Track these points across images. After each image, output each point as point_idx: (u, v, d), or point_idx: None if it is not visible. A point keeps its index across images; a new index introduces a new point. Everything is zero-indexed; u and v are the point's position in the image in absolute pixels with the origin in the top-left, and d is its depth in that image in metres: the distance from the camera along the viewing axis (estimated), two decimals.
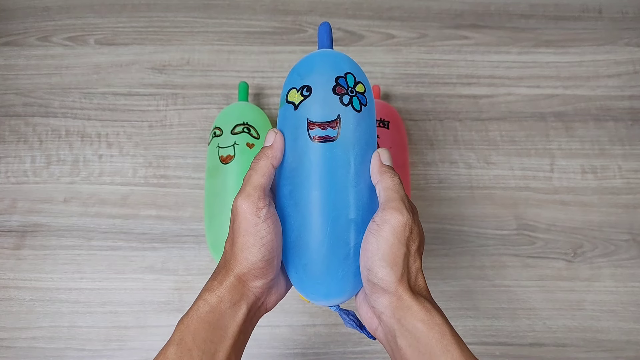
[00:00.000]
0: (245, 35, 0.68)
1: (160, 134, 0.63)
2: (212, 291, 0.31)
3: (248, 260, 0.31)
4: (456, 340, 0.29)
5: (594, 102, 0.65)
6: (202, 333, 0.30)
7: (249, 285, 0.32)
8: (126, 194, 0.60)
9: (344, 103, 0.33)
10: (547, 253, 0.58)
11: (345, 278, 0.33)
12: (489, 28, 0.68)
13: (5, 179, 0.61)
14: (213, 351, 0.30)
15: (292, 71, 0.35)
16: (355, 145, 0.33)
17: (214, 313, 0.30)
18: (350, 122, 0.32)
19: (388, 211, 0.31)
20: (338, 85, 0.33)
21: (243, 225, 0.31)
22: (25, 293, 0.56)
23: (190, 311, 0.31)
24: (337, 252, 0.32)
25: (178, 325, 0.31)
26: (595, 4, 0.70)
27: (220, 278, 0.32)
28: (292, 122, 0.33)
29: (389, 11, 0.69)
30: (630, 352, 0.55)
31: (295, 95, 0.33)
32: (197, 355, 0.29)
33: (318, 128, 0.32)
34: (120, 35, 0.68)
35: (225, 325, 0.31)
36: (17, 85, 0.65)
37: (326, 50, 0.36)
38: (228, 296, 0.31)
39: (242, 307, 0.31)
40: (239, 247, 0.31)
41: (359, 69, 0.35)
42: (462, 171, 0.61)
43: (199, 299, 0.31)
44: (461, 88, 0.65)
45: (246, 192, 0.31)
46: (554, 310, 0.56)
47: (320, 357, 0.54)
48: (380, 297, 0.31)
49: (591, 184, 0.61)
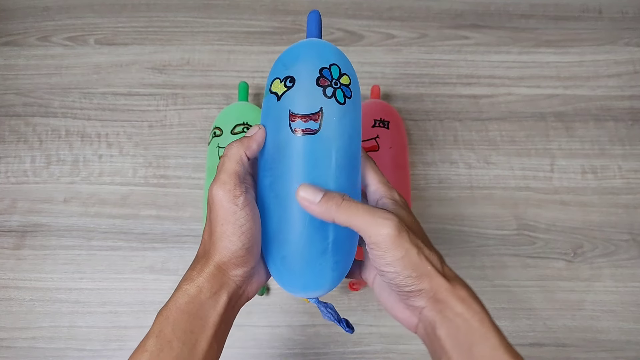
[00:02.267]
0: (245, 35, 0.68)
1: (160, 134, 0.63)
2: (191, 281, 0.31)
3: (228, 249, 0.31)
4: (494, 327, 0.29)
5: (594, 102, 0.65)
6: (182, 324, 0.29)
7: (229, 274, 0.31)
8: (126, 194, 0.60)
9: (327, 95, 0.32)
10: (547, 253, 0.58)
11: (322, 272, 0.33)
12: (489, 28, 0.68)
13: (5, 179, 0.61)
14: (194, 342, 0.29)
15: (278, 61, 0.35)
16: (337, 139, 0.32)
17: (193, 303, 0.30)
18: (333, 114, 0.32)
19: (375, 232, 0.29)
20: (322, 77, 0.32)
21: (221, 214, 0.30)
22: (25, 293, 0.56)
23: (169, 302, 0.30)
24: (315, 246, 0.32)
25: (157, 317, 0.30)
26: (595, 4, 0.70)
27: (199, 267, 0.31)
28: (275, 113, 0.33)
29: (389, 11, 0.69)
30: (630, 352, 0.55)
31: (278, 85, 0.33)
32: (177, 346, 0.29)
33: (300, 120, 0.31)
34: (120, 35, 0.68)
35: (205, 315, 0.30)
36: (17, 85, 0.65)
37: (313, 39, 0.35)
38: (208, 285, 0.30)
39: (222, 296, 0.31)
40: (218, 236, 0.31)
41: (345, 60, 0.34)
42: (462, 171, 0.61)
43: (178, 290, 0.31)
44: (461, 88, 0.65)
45: (221, 180, 0.31)
46: (554, 310, 0.56)
47: (320, 357, 0.54)
48: (418, 296, 0.30)
49: (591, 184, 0.61)
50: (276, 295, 0.56)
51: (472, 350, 0.28)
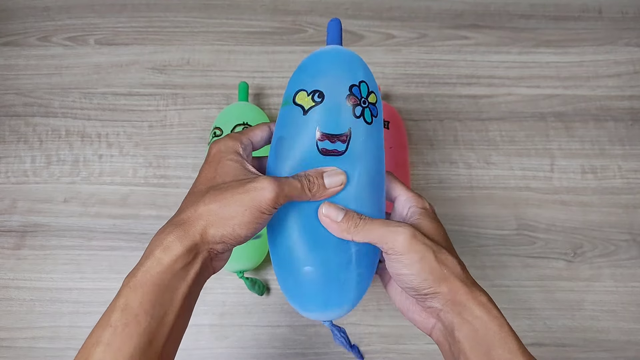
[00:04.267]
0: (245, 35, 0.68)
1: (160, 134, 0.63)
2: (167, 249, 0.28)
3: (234, 231, 0.29)
4: (513, 332, 0.30)
5: (594, 102, 0.65)
6: (151, 296, 0.27)
7: (208, 247, 0.29)
8: (126, 194, 0.60)
9: (356, 115, 0.31)
10: (547, 253, 0.58)
11: (346, 285, 0.32)
12: (489, 28, 0.68)
13: (5, 179, 0.61)
14: (162, 314, 0.27)
15: (302, 69, 0.33)
16: (362, 159, 0.32)
17: (165, 274, 0.28)
18: (360, 135, 0.31)
19: (392, 240, 0.30)
20: (352, 95, 0.31)
21: (256, 202, 0.29)
22: (25, 293, 0.56)
23: (137, 271, 0.28)
24: (339, 258, 0.32)
25: (123, 287, 0.28)
26: (595, 4, 0.70)
27: (179, 234, 0.28)
28: (298, 127, 0.32)
29: (389, 11, 0.69)
30: (630, 352, 0.55)
31: (305, 99, 0.32)
32: (144, 320, 0.26)
33: (327, 140, 0.31)
34: (120, 35, 0.68)
35: (174, 287, 0.28)
36: (17, 85, 0.65)
37: (338, 47, 0.34)
38: (184, 257, 0.28)
39: (194, 266, 0.29)
40: (231, 213, 0.29)
41: (371, 75, 0.34)
42: (462, 171, 0.61)
43: (150, 257, 0.28)
44: (461, 88, 0.65)
45: (279, 184, 0.30)
46: (554, 310, 0.56)
47: (320, 357, 0.54)
48: (435, 298, 0.31)
49: (591, 184, 0.61)
50: (276, 295, 0.56)
51: (491, 352, 0.29)
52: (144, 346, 0.26)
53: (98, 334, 0.26)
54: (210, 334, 0.55)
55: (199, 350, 0.54)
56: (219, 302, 0.56)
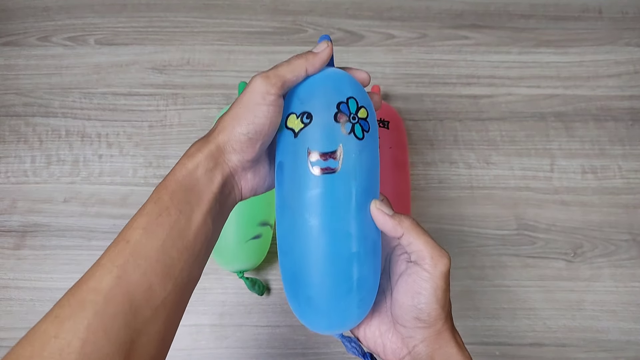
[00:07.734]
0: (245, 35, 0.68)
1: (160, 134, 0.63)
2: (191, 156, 0.32)
3: (233, 130, 0.31)
4: None
5: (594, 102, 0.65)
6: (179, 194, 0.30)
7: (224, 157, 0.32)
8: (126, 194, 0.60)
9: (346, 131, 0.31)
10: (547, 253, 0.58)
11: (347, 310, 0.32)
12: (489, 28, 0.68)
13: (5, 179, 0.61)
14: (189, 212, 0.30)
15: (292, 92, 0.34)
16: (357, 175, 0.32)
17: (190, 177, 0.31)
18: (352, 151, 0.31)
19: (437, 259, 0.31)
20: (339, 112, 0.31)
21: (245, 99, 0.31)
22: (25, 293, 0.56)
23: (168, 176, 0.31)
24: (340, 286, 0.32)
25: (156, 188, 0.31)
26: (595, 4, 0.70)
27: (199, 145, 0.32)
28: (291, 150, 0.32)
29: (389, 11, 0.69)
30: (630, 352, 0.55)
31: (294, 121, 0.32)
32: (174, 213, 0.29)
33: (319, 159, 0.31)
34: (120, 35, 0.68)
35: (200, 191, 0.31)
36: (17, 85, 0.65)
37: (327, 69, 0.34)
38: (205, 162, 0.31)
39: (217, 175, 0.32)
40: (231, 115, 0.32)
41: (361, 91, 0.34)
42: (462, 171, 0.61)
43: (178, 164, 0.32)
44: (461, 88, 0.65)
45: (267, 74, 0.31)
46: (554, 310, 0.56)
47: (320, 357, 0.54)
48: (422, 330, 0.32)
49: (591, 184, 0.61)
50: (276, 295, 0.56)
51: None
52: (175, 237, 0.29)
53: (136, 220, 0.30)
54: (210, 334, 0.55)
55: (199, 350, 0.54)
56: (219, 302, 0.56)
